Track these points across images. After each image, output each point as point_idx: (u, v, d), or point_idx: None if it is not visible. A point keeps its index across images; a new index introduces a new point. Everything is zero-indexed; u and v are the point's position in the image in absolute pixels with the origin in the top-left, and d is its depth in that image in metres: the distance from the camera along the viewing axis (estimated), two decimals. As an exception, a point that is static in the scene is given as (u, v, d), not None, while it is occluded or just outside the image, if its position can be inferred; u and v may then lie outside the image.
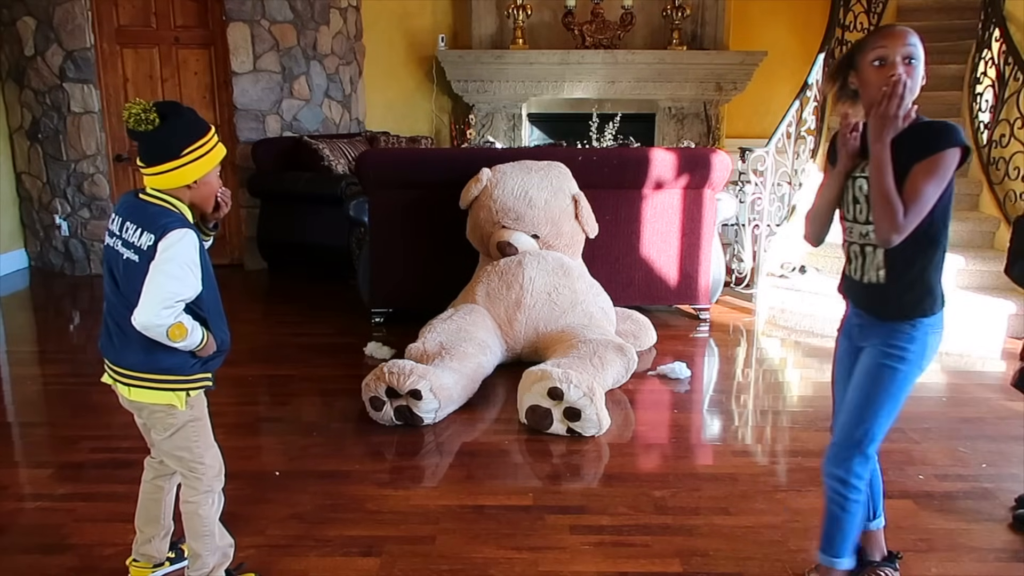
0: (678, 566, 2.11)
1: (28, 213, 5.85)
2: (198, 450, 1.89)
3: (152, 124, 1.72)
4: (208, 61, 5.72)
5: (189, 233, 1.75)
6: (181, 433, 1.87)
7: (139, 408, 1.87)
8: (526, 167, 3.86)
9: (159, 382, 1.81)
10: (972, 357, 3.94)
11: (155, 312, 1.71)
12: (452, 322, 3.42)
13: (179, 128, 1.76)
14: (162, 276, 1.71)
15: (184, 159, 1.75)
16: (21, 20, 5.37)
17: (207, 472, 1.91)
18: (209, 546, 1.93)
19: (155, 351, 1.77)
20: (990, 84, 4.92)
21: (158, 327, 1.72)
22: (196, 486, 1.90)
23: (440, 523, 2.33)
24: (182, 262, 1.73)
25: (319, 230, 5.30)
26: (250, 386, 3.55)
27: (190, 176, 1.77)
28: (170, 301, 1.72)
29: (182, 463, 1.90)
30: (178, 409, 1.84)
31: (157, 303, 1.71)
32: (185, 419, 1.86)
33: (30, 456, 2.93)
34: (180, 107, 1.80)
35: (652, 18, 6.91)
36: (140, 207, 1.79)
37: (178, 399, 1.83)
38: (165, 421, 1.85)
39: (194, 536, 1.92)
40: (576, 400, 2.84)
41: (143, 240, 1.74)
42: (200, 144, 1.78)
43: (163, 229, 1.72)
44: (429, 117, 7.23)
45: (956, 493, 2.52)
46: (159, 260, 1.72)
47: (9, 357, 4.07)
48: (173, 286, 1.73)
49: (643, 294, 4.33)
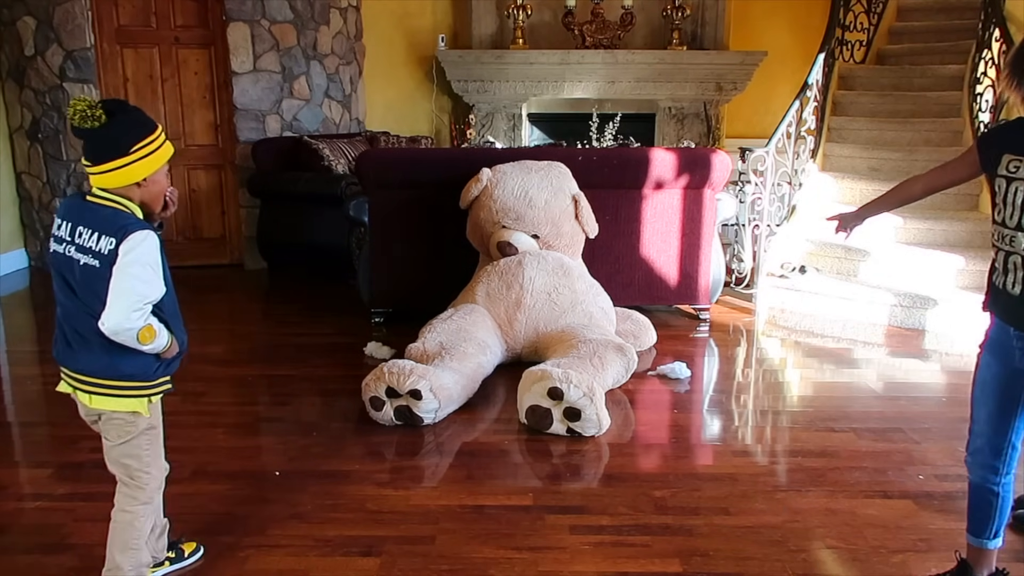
0: (678, 566, 2.11)
1: (28, 213, 5.85)
2: (147, 459, 1.86)
3: (98, 121, 1.68)
4: (208, 61, 5.71)
5: (151, 234, 1.73)
6: (135, 441, 1.84)
7: (95, 415, 1.83)
8: (526, 167, 3.86)
9: (123, 389, 1.79)
10: (972, 357, 3.92)
11: (125, 316, 1.68)
12: (452, 322, 3.42)
13: (126, 125, 1.73)
14: (129, 279, 1.69)
15: (132, 156, 1.72)
16: (21, 20, 5.37)
17: (150, 482, 1.88)
18: (133, 560, 1.87)
19: (118, 356, 1.75)
20: (990, 84, 4.91)
21: (128, 331, 1.69)
22: (137, 496, 1.86)
23: (440, 523, 2.33)
24: (146, 263, 1.71)
25: (319, 230, 5.30)
26: (250, 386, 3.56)
27: (139, 174, 1.74)
28: (139, 304, 1.70)
29: (127, 471, 1.86)
30: (141, 416, 1.81)
31: (127, 307, 1.68)
32: (144, 426, 1.84)
33: (30, 456, 2.93)
34: (127, 104, 1.77)
35: (652, 18, 6.91)
36: (90, 209, 1.75)
37: (141, 405, 1.81)
38: (123, 428, 1.82)
39: (121, 548, 1.87)
40: (576, 400, 2.84)
41: (102, 244, 1.70)
42: (148, 141, 1.75)
43: (123, 231, 1.70)
44: (429, 117, 7.23)
45: (956, 493, 2.51)
46: (124, 263, 1.69)
47: (9, 357, 4.07)
48: (141, 288, 1.70)
49: (643, 294, 4.33)
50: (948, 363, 3.83)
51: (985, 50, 4.95)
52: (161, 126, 1.83)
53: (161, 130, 1.80)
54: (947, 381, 3.61)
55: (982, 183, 4.86)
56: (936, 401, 3.35)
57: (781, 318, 4.49)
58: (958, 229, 4.70)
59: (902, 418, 3.10)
